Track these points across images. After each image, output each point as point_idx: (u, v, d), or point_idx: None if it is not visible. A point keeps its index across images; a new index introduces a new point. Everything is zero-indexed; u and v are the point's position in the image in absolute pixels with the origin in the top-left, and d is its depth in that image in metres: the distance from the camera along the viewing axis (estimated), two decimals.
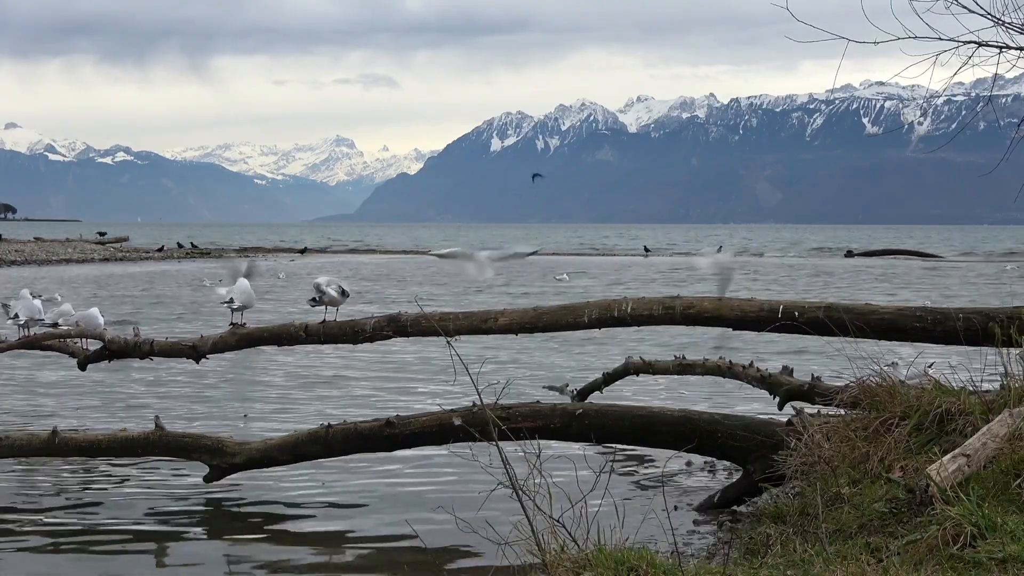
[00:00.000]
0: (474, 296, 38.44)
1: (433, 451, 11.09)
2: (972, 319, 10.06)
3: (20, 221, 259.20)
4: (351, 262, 74.22)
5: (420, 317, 11.23)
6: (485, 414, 7.47)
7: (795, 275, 56.86)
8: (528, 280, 48.53)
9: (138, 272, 57.41)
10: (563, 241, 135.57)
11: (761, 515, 8.19)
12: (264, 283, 42.93)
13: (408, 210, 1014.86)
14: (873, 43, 8.98)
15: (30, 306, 12.97)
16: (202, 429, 12.49)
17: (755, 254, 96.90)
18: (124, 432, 10.48)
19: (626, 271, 60.80)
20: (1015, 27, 8.93)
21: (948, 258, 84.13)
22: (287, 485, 10.95)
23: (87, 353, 12.61)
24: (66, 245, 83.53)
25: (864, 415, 8.49)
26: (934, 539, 6.20)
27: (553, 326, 11.41)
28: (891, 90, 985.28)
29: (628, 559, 6.08)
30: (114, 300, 35.77)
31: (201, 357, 12.10)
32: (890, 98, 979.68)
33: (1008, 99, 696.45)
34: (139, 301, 36.32)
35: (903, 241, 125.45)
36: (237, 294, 12.21)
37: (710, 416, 9.82)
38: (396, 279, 52.04)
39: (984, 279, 51.69)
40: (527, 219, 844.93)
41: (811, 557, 6.36)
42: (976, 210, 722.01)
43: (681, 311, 11.06)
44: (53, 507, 10.19)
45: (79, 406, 15.74)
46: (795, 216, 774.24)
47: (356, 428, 10.00)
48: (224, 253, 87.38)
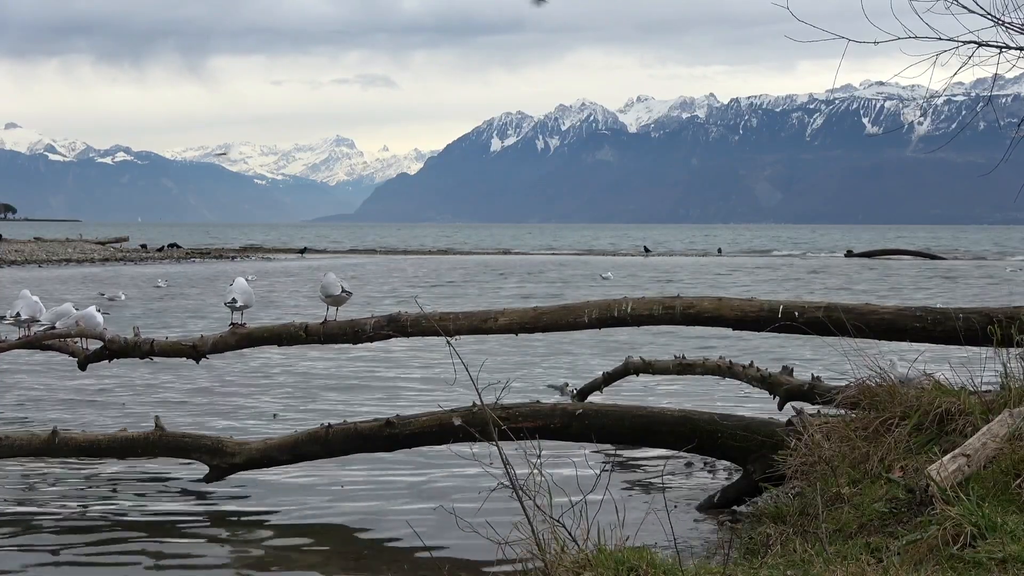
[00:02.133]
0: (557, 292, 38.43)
1: (433, 451, 11.09)
2: (972, 319, 10.07)
3: (20, 221, 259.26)
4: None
5: (420, 317, 11.24)
6: (485, 414, 7.47)
7: (795, 275, 56.86)
8: (572, 278, 53.34)
9: (100, 273, 57.37)
10: (571, 242, 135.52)
11: (761, 515, 8.19)
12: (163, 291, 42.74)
13: (408, 210, 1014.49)
14: (873, 43, 8.98)
15: (30, 305, 12.97)
16: (202, 429, 12.50)
17: (755, 254, 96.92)
18: (124, 432, 10.48)
19: (675, 271, 60.90)
20: (1015, 27, 8.93)
21: (948, 258, 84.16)
22: (287, 484, 10.95)
23: (87, 353, 12.61)
24: (66, 245, 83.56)
25: (864, 415, 8.49)
26: (934, 539, 6.20)
27: (553, 326, 11.41)
28: (891, 90, 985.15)
29: (628, 559, 6.08)
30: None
31: (201, 357, 12.11)
32: (890, 98, 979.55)
33: (1008, 99, 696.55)
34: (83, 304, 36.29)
35: (903, 241, 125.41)
36: (238, 294, 12.21)
37: (710, 416, 9.82)
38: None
39: (984, 279, 51.70)
40: (527, 219, 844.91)
41: (811, 557, 6.36)
42: (976, 210, 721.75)
43: (681, 311, 11.07)
44: (53, 507, 10.18)
45: (79, 406, 15.73)
46: (795, 216, 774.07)
47: (356, 428, 9.99)
48: (224, 253, 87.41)
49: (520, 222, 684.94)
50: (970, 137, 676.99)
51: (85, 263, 68.56)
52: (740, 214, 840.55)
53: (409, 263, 73.39)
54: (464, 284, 48.55)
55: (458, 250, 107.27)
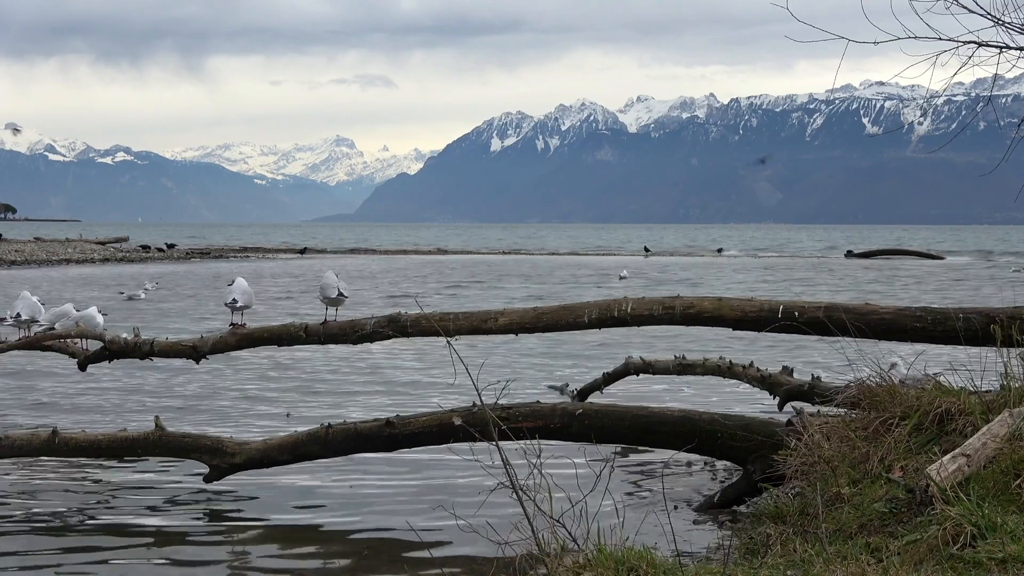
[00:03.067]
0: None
1: (433, 451, 11.09)
2: (972, 319, 10.06)
3: (20, 221, 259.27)
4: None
5: (420, 317, 11.24)
6: (485, 414, 7.47)
7: (795, 275, 56.85)
8: (587, 277, 54.89)
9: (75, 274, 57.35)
10: (567, 243, 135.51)
11: (761, 515, 8.19)
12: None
13: (408, 210, 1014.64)
14: (873, 43, 8.96)
15: (31, 306, 12.97)
16: (202, 429, 12.50)
17: (754, 254, 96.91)
18: (124, 432, 10.48)
19: (675, 271, 60.99)
20: (1015, 27, 8.92)
21: (948, 258, 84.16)
22: (287, 484, 10.95)
23: (87, 353, 12.62)
24: (66, 245, 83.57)
25: (864, 415, 8.49)
26: (934, 539, 6.19)
27: (553, 326, 11.41)
28: (891, 90, 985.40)
29: (628, 559, 6.08)
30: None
31: (201, 357, 12.12)
32: (890, 98, 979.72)
33: (1008, 99, 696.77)
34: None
35: (903, 241, 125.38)
36: (239, 294, 12.21)
37: (710, 416, 9.81)
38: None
39: (984, 279, 51.69)
40: (527, 219, 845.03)
41: (811, 557, 6.36)
42: (976, 210, 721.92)
43: (681, 311, 11.07)
44: (53, 507, 10.18)
45: (79, 406, 15.73)
46: (795, 216, 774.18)
47: (356, 428, 9.99)
48: (224, 253, 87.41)
49: (520, 222, 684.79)
50: (970, 137, 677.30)
51: (85, 263, 68.55)
52: (740, 214, 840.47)
53: (409, 263, 73.39)
54: (467, 284, 48.55)
55: (461, 250, 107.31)
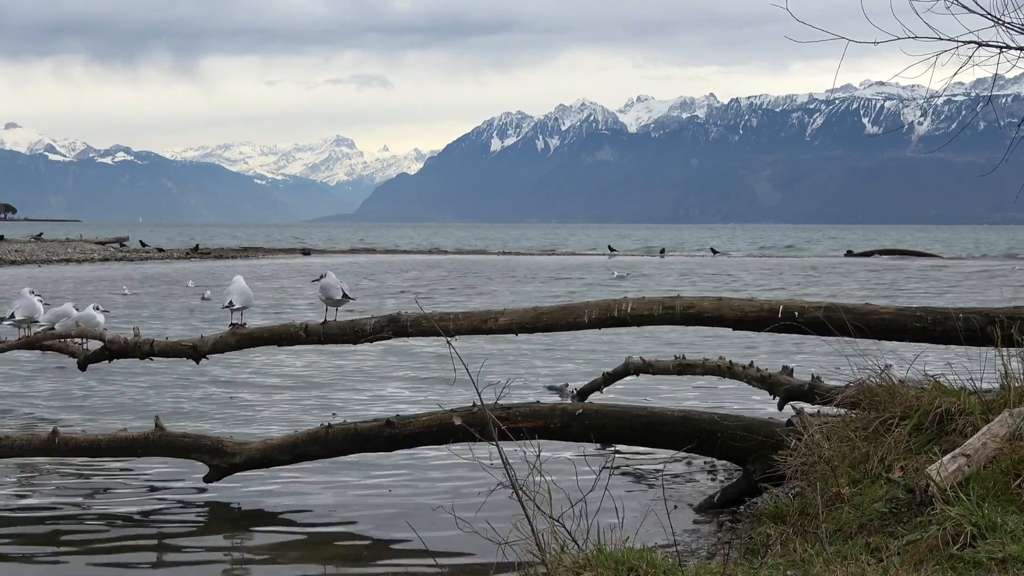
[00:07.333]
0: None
1: (433, 451, 11.09)
2: (972, 319, 10.06)
3: (20, 221, 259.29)
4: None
5: (420, 317, 11.24)
6: (485, 414, 7.46)
7: (795, 275, 56.84)
8: (585, 274, 56.67)
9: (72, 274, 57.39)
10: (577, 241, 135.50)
11: (761, 515, 8.18)
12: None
13: (408, 210, 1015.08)
14: (873, 43, 8.97)
15: (29, 305, 12.97)
16: (202, 429, 12.49)
17: (754, 254, 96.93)
18: (124, 432, 10.47)
19: (675, 270, 61.11)
20: (1015, 27, 8.92)
21: (947, 258, 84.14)
22: (287, 484, 10.95)
23: (87, 353, 12.62)
24: (66, 245, 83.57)
25: (864, 415, 8.48)
26: (934, 539, 6.19)
27: (553, 326, 11.40)
28: (891, 90, 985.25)
29: (628, 559, 6.08)
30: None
31: (201, 357, 12.11)
32: (890, 98, 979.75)
33: (1008, 99, 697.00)
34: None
35: (903, 241, 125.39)
36: (236, 296, 12.22)
37: (710, 416, 9.81)
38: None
39: (984, 279, 51.68)
40: (527, 219, 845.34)
41: (811, 557, 6.36)
42: (976, 210, 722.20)
43: (681, 311, 11.07)
44: (53, 507, 10.18)
45: (79, 406, 15.72)
46: (795, 216, 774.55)
47: (356, 428, 9.99)
48: (224, 252, 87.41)
49: (520, 222, 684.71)
50: (970, 137, 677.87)
51: (85, 263, 68.56)
52: (740, 214, 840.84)
53: (410, 263, 73.38)
54: (468, 284, 48.53)
55: (460, 249, 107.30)
